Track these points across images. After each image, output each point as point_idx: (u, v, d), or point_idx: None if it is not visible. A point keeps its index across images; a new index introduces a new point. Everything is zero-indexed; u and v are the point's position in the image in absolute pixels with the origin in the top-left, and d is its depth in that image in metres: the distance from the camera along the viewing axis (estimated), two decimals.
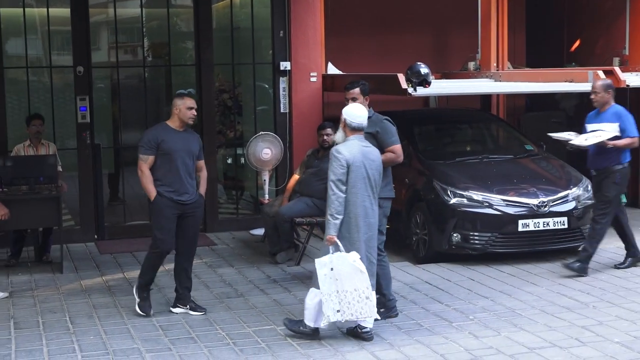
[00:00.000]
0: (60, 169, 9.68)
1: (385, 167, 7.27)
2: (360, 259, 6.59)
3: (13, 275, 9.15)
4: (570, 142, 8.86)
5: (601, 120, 8.72)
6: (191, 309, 7.56)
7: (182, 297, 7.61)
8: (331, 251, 6.60)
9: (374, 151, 6.87)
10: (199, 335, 6.99)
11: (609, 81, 8.91)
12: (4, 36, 10.65)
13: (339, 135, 6.90)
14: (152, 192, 7.35)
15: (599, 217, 8.70)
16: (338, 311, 6.56)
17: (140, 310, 7.52)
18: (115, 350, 6.67)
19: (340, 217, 6.61)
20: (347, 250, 6.61)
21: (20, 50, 10.96)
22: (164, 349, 6.69)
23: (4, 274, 9.16)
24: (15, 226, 9.36)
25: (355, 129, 6.81)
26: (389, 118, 7.41)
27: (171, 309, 7.64)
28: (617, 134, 8.59)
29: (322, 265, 6.59)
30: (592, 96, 8.78)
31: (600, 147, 8.58)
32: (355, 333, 6.84)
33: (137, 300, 7.55)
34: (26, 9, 10.74)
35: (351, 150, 6.70)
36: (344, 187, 6.63)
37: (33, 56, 11.31)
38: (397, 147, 7.32)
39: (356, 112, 6.85)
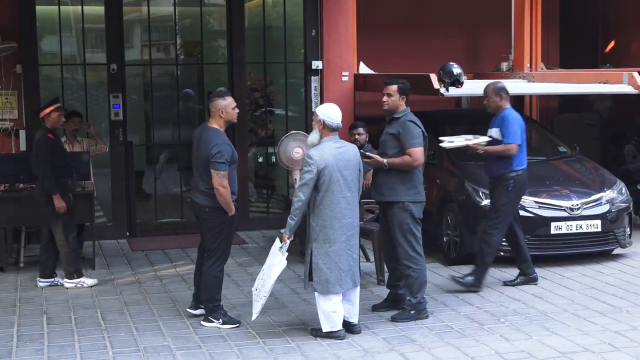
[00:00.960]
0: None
1: (401, 169, 7.23)
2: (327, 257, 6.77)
3: None
4: (441, 143, 8.54)
5: (492, 126, 8.41)
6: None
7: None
8: (284, 249, 6.86)
9: (350, 150, 6.88)
10: (229, 333, 7.00)
11: (500, 84, 8.48)
12: (39, 34, 10.73)
13: (314, 136, 6.90)
14: (233, 208, 7.15)
15: (489, 228, 8.26)
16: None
17: (233, 323, 7.18)
18: (146, 347, 6.69)
19: (296, 218, 6.74)
20: (327, 253, 6.75)
21: (55, 47, 11.05)
22: (194, 346, 6.70)
23: (37, 270, 9.22)
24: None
25: (334, 130, 6.84)
26: (415, 120, 7.33)
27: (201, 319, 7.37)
28: (488, 139, 8.28)
29: (281, 265, 6.91)
30: (485, 101, 8.41)
31: (489, 153, 8.25)
32: (345, 327, 6.90)
33: (220, 322, 7.17)
34: (61, 7, 10.82)
35: (323, 154, 6.73)
36: (308, 192, 6.70)
37: (67, 54, 11.39)
38: (415, 150, 7.22)
39: (334, 112, 6.87)
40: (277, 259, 6.84)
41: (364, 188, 7.32)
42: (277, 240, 7.01)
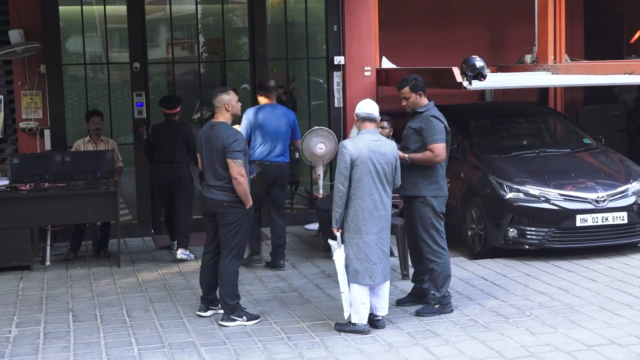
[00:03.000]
0: (121, 165, 9.82)
1: (422, 165, 7.22)
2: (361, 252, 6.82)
3: (72, 268, 9.30)
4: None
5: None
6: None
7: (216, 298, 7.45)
8: (338, 242, 6.88)
9: (385, 145, 6.91)
10: (253, 329, 7.02)
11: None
12: (63, 34, 10.80)
13: (354, 131, 7.06)
14: (251, 199, 7.17)
15: None
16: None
17: (255, 318, 7.20)
18: (171, 343, 6.73)
19: (340, 210, 6.82)
20: (358, 243, 6.82)
21: (79, 47, 11.12)
22: (219, 342, 6.73)
23: (64, 268, 9.32)
24: (74, 220, 9.53)
25: (366, 120, 6.92)
26: (438, 115, 7.28)
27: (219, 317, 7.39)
28: None
29: (338, 257, 6.91)
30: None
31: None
32: (369, 321, 6.91)
33: (244, 319, 7.14)
34: (84, 7, 10.88)
35: (357, 145, 6.80)
36: (346, 182, 6.79)
37: (91, 53, 11.46)
38: (437, 147, 7.19)
39: (363, 103, 7.00)
40: (335, 254, 6.85)
41: None
42: (330, 242, 7.01)
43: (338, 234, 6.86)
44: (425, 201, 7.25)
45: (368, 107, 6.96)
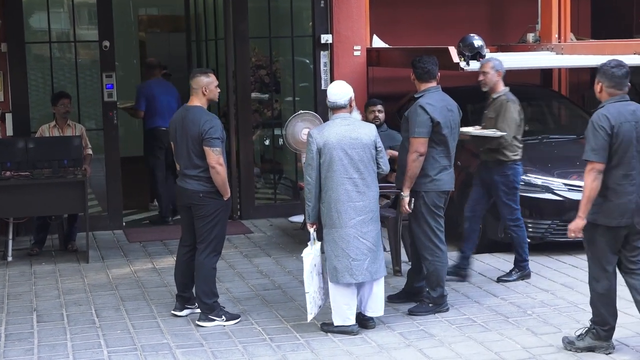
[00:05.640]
0: (90, 152, 9.75)
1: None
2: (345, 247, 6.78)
3: (36, 264, 9.26)
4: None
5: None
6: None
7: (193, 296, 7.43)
8: (310, 238, 6.87)
9: (359, 128, 6.83)
10: (233, 330, 7.01)
11: None
12: (26, 9, 10.70)
13: (330, 115, 7.05)
14: (229, 190, 7.14)
15: None
16: (320, 307, 6.95)
17: (235, 318, 7.19)
18: (144, 345, 6.72)
19: (311, 203, 6.82)
20: (334, 239, 6.78)
21: (44, 24, 11.04)
22: (196, 344, 6.72)
23: (27, 263, 9.28)
24: (39, 212, 9.48)
25: (333, 108, 6.91)
26: (424, 104, 7.16)
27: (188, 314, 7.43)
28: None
29: (307, 254, 6.84)
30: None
31: None
32: (359, 321, 6.91)
33: (223, 319, 7.14)
34: None
35: (324, 132, 6.79)
36: (314, 173, 6.77)
37: (57, 30, 11.38)
38: (412, 140, 7.11)
39: (331, 89, 6.97)
40: (304, 251, 6.85)
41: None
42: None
43: (312, 230, 6.84)
44: (416, 195, 7.24)
45: (334, 94, 6.87)
